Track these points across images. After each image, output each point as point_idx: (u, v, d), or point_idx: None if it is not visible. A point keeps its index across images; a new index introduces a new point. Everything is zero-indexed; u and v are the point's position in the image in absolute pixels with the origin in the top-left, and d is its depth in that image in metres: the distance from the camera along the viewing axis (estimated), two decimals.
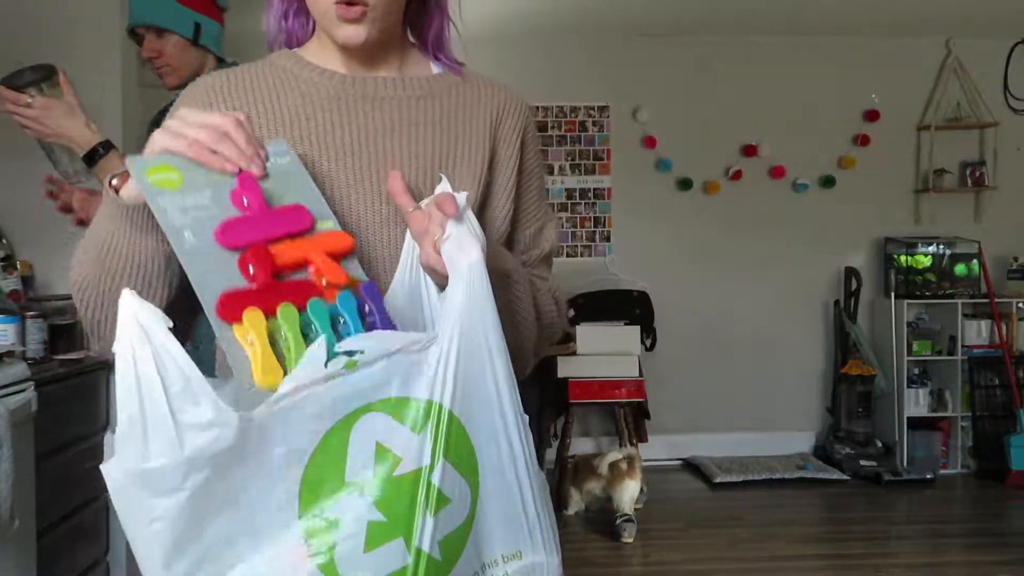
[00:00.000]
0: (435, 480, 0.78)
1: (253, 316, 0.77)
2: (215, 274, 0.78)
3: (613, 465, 3.94)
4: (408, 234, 0.94)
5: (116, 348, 0.71)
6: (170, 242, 0.79)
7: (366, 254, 0.97)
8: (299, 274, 0.83)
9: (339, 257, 0.85)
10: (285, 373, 0.75)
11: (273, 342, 0.77)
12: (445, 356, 0.80)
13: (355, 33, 0.97)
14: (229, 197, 0.82)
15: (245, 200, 0.83)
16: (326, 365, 0.75)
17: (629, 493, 3.90)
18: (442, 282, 0.87)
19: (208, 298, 0.77)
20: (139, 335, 0.70)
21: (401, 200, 0.91)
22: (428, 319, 0.92)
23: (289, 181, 0.87)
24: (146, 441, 0.69)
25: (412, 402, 0.79)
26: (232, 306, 0.77)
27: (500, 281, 0.94)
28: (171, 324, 0.71)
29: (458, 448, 0.80)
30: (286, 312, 0.78)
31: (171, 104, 1.26)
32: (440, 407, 0.80)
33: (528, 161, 1.11)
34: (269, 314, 0.78)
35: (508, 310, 0.97)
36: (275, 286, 0.80)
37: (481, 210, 1.04)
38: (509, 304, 0.98)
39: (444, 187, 0.93)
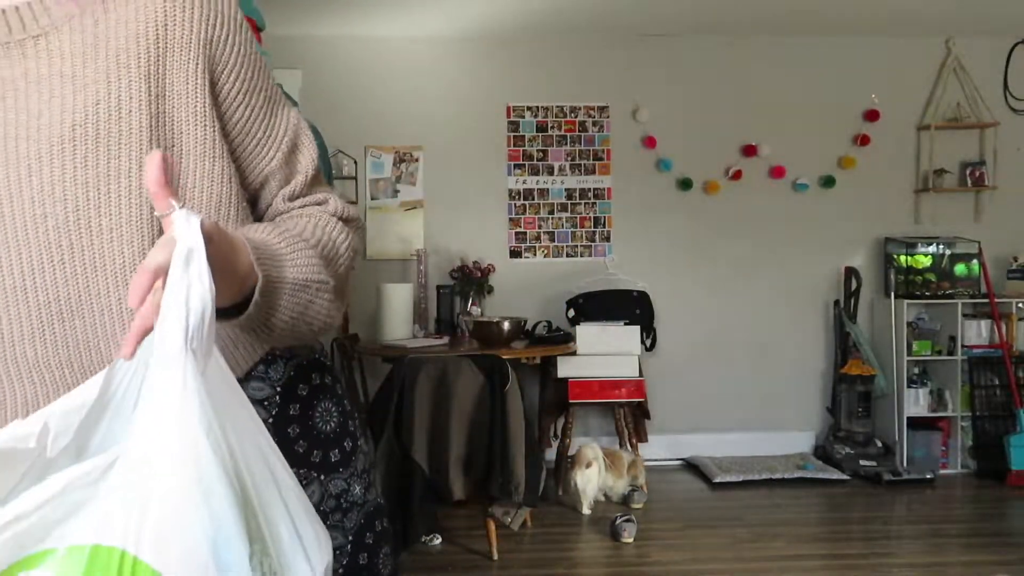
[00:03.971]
0: None
1: None
2: None
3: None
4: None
5: None
6: None
7: None
8: None
9: None
10: None
11: None
12: (133, 485, 0.57)
13: None
14: None
15: None
16: None
17: (572, 483, 4.10)
18: None
19: None
20: None
21: (157, 202, 0.60)
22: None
23: None
24: None
25: (79, 552, 0.57)
26: None
27: (296, 292, 0.75)
28: None
29: None
30: None
31: None
32: (123, 555, 0.57)
33: (232, 79, 0.79)
34: None
35: (304, 320, 0.79)
36: None
37: (176, 188, 0.76)
38: (306, 312, 0.78)
39: (179, 225, 0.60)
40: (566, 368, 4.46)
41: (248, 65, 0.80)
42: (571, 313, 4.82)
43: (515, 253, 5.10)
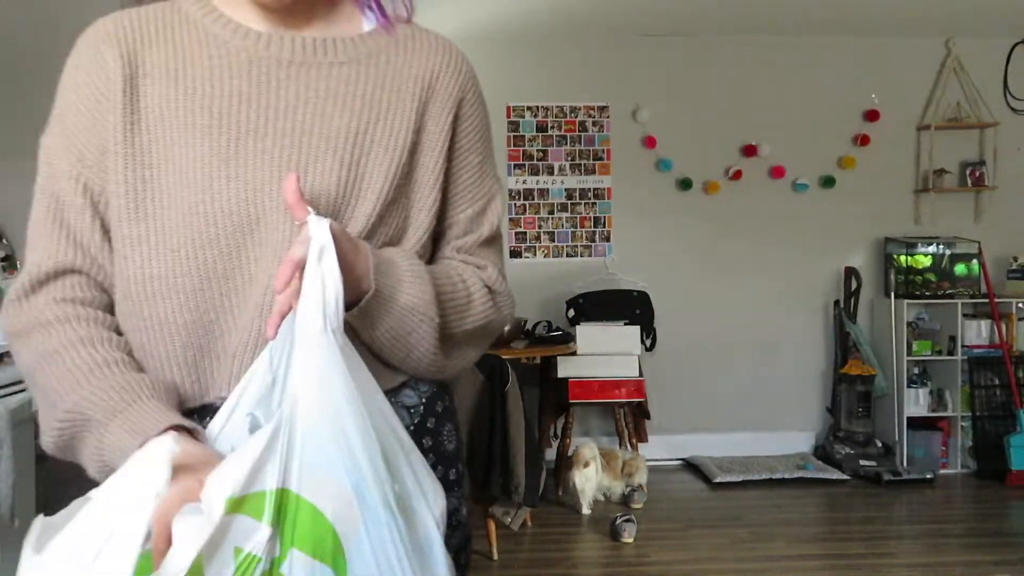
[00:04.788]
0: (284, 571, 0.72)
1: None
2: None
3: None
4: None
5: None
6: None
7: (263, 248, 0.87)
8: None
9: None
10: None
11: None
12: (289, 439, 0.73)
13: None
14: None
15: None
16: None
17: (570, 483, 4.10)
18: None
19: None
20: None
21: (295, 211, 0.79)
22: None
23: None
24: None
25: (265, 495, 0.72)
26: None
27: (403, 316, 0.88)
28: None
29: (314, 534, 0.73)
30: None
31: None
32: (287, 494, 0.73)
33: (464, 136, 0.98)
34: None
35: (402, 344, 0.91)
36: None
37: (398, 199, 0.93)
38: (407, 338, 0.91)
39: (313, 226, 0.77)
40: (566, 368, 4.45)
41: (479, 129, 1.00)
42: (571, 313, 4.82)
43: (515, 253, 5.10)
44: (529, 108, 5.11)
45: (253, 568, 0.71)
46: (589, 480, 4.09)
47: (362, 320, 0.87)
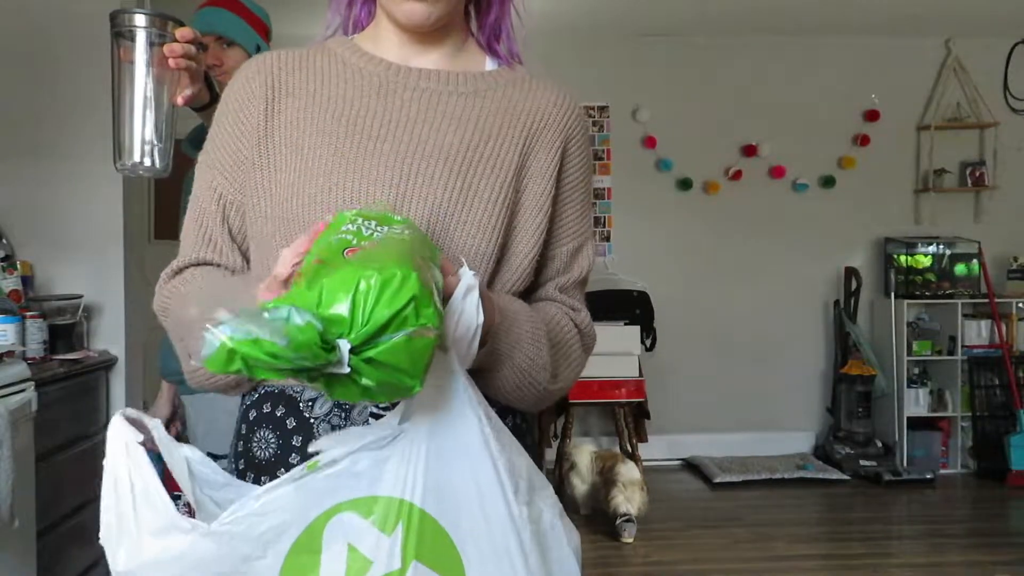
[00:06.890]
0: None
1: None
2: None
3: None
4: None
5: (105, 463, 0.78)
6: None
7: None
8: None
9: None
10: None
11: None
12: (416, 452, 0.75)
13: (420, 10, 0.95)
14: None
15: None
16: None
17: (568, 489, 4.11)
18: None
19: None
20: (123, 453, 0.77)
21: (448, 264, 0.85)
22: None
23: None
24: (117, 547, 0.76)
25: (381, 501, 0.75)
26: None
27: (513, 373, 0.94)
28: (142, 440, 0.78)
29: (435, 549, 0.75)
30: None
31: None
32: (411, 506, 0.75)
33: (571, 172, 1.05)
34: None
35: (504, 394, 0.96)
36: None
37: (508, 223, 0.99)
38: (512, 392, 0.96)
39: (465, 275, 0.82)
40: None
41: (582, 169, 1.07)
42: None
43: None
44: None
45: (366, 571, 0.74)
46: (576, 488, 4.08)
47: (478, 367, 0.92)
